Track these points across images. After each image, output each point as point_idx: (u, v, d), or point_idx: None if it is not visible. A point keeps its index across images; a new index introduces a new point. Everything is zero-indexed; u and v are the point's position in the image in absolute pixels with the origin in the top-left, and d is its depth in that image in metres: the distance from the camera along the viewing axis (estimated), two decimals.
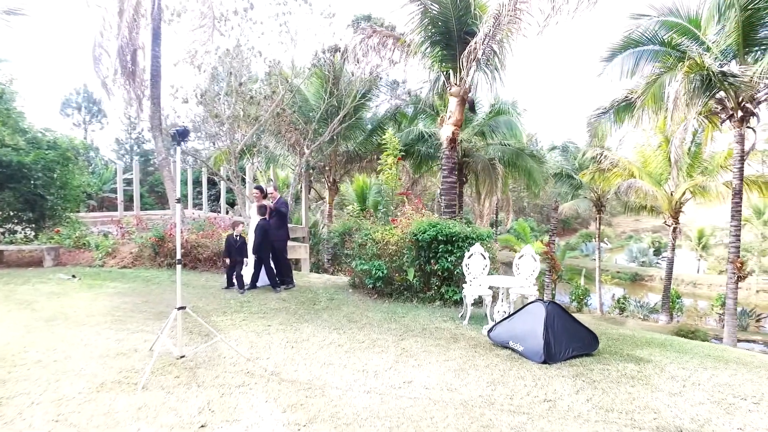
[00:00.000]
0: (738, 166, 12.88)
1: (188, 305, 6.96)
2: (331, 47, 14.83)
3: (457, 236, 6.95)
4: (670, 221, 20.48)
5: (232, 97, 12.06)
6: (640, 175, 20.43)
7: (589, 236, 49.96)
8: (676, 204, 20.02)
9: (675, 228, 20.56)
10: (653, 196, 19.95)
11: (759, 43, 12.12)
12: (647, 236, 50.48)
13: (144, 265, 10.31)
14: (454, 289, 7.16)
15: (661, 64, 12.23)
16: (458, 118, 9.85)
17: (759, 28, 11.99)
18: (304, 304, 7.24)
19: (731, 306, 13.16)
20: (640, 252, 45.79)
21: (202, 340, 5.24)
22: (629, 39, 13.41)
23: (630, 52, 13.57)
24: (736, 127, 12.66)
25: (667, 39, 13.00)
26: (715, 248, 43.34)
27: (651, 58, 13.38)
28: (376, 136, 18.65)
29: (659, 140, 20.19)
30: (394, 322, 6.20)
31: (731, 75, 11.48)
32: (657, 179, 20.46)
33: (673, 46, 12.98)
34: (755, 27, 11.94)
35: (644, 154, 21.66)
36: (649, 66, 13.43)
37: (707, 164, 19.88)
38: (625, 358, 4.97)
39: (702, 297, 33.50)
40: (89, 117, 38.66)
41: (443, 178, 9.96)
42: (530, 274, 6.39)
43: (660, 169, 20.54)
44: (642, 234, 53.39)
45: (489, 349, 5.15)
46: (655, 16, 13.23)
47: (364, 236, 7.73)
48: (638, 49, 13.49)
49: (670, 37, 12.90)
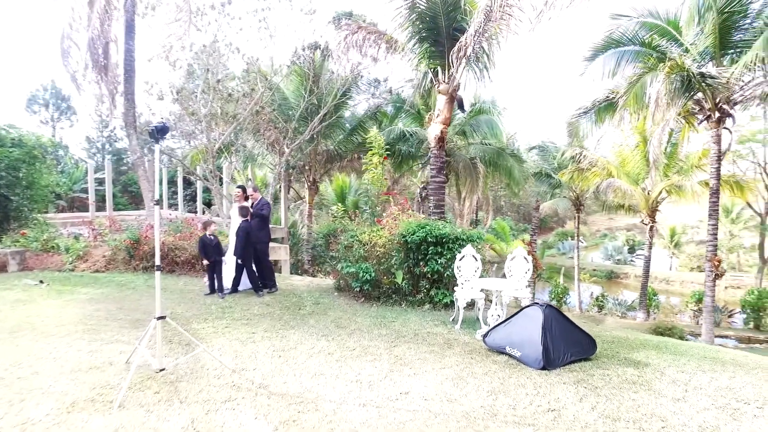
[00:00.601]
0: (715, 166, 13.10)
1: (167, 312, 6.63)
2: (312, 44, 14.55)
3: (447, 237, 6.77)
4: (647, 220, 20.83)
5: (209, 95, 11.66)
6: (619, 175, 20.72)
7: (566, 234, 50.75)
8: (652, 203, 20.36)
9: (652, 226, 20.93)
10: (631, 195, 20.27)
11: (734, 45, 12.35)
12: (622, 234, 51.51)
13: (118, 269, 9.83)
14: (444, 292, 6.99)
15: (642, 64, 12.33)
16: (447, 117, 9.69)
17: (734, 32, 12.23)
18: (289, 308, 6.96)
19: (709, 303, 13.41)
20: (616, 250, 46.66)
21: (183, 351, 4.92)
22: (610, 39, 13.50)
23: (612, 53, 13.67)
24: (713, 128, 12.87)
25: (648, 40, 13.13)
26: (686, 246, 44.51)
27: (632, 59, 13.50)
28: (357, 135, 18.42)
29: (637, 140, 20.49)
30: (384, 328, 5.98)
31: (709, 76, 11.65)
32: (634, 179, 20.78)
33: (653, 47, 13.12)
34: (731, 30, 12.16)
35: (622, 154, 21.98)
36: (630, 66, 13.55)
37: (683, 164, 20.27)
38: (624, 362, 4.87)
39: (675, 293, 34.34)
40: (58, 114, 37.23)
41: (431, 178, 9.77)
42: (523, 275, 6.26)
43: (637, 169, 20.86)
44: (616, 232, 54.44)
45: (485, 356, 4.98)
46: (635, 17, 13.37)
47: (350, 238, 7.49)
48: (619, 50, 13.60)
49: (651, 38, 13.03)
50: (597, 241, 53.30)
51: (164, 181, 19.04)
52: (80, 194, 26.79)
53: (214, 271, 7.81)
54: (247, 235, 7.49)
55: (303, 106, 14.29)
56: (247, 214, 7.56)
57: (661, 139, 15.18)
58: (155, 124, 4.09)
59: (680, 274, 39.50)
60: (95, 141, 37.35)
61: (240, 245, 7.48)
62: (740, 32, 12.27)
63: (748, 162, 24.46)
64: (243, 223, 7.50)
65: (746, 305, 20.77)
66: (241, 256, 7.55)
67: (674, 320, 22.52)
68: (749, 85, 12.34)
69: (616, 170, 20.86)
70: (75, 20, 9.56)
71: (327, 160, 18.62)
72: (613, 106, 15.09)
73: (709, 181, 13.88)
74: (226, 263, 7.92)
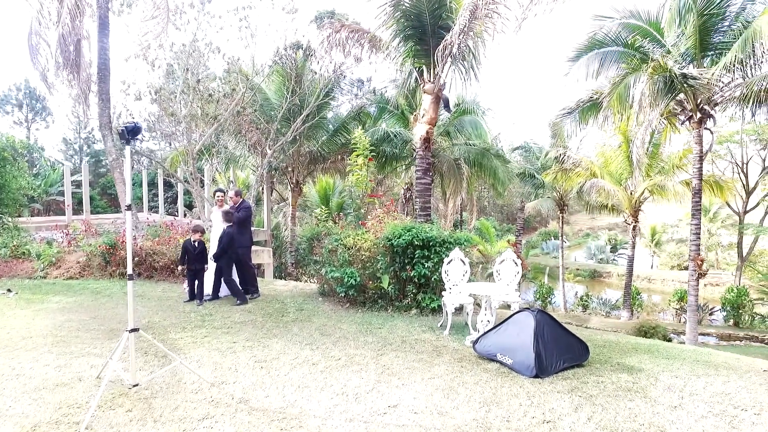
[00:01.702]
0: (697, 166, 13.20)
1: (143, 321, 6.34)
2: (294, 44, 14.32)
3: (435, 241, 6.60)
4: (630, 219, 21.03)
5: (189, 95, 11.35)
6: (602, 175, 20.88)
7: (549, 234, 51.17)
8: (635, 203, 20.55)
9: (635, 226, 21.12)
10: (614, 195, 20.43)
11: (714, 47, 12.48)
12: (604, 234, 52.15)
13: (93, 276, 9.45)
14: (431, 297, 6.82)
15: (626, 65, 12.36)
16: (432, 117, 9.52)
17: (714, 33, 12.35)
18: (272, 315, 6.72)
19: (693, 302, 13.48)
20: (598, 249, 47.23)
21: (159, 363, 4.66)
22: (594, 40, 13.54)
23: (595, 53, 13.71)
24: (695, 128, 12.98)
25: (630, 41, 13.19)
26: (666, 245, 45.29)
27: (615, 60, 13.56)
28: (340, 136, 18.23)
29: (620, 141, 20.66)
30: (370, 335, 5.78)
31: (691, 77, 11.73)
32: (617, 179, 20.95)
33: (635, 48, 13.18)
34: (710, 32, 12.28)
35: (605, 154, 22.17)
36: (613, 67, 13.62)
37: (664, 164, 20.50)
38: (617, 368, 4.75)
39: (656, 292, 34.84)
40: (32, 115, 36.16)
41: (417, 180, 9.59)
42: (512, 279, 6.12)
43: (620, 169, 21.03)
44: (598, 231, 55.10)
45: (476, 363, 4.82)
46: (617, 18, 13.42)
47: (335, 242, 7.27)
48: (603, 50, 13.65)
49: (633, 39, 13.08)
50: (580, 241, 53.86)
51: (144, 184, 18.54)
52: (57, 197, 26.00)
53: (195, 277, 7.53)
54: (231, 241, 7.22)
55: (285, 107, 14.05)
56: (231, 219, 7.29)
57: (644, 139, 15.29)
58: (126, 124, 3.84)
59: (661, 273, 40.15)
60: (72, 142, 36.40)
61: (221, 250, 7.20)
62: (719, 34, 12.40)
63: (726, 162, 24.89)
64: (228, 229, 7.23)
65: (726, 303, 21.10)
66: (220, 262, 7.28)
67: (657, 319, 22.80)
68: (729, 86, 12.48)
69: (600, 170, 21.01)
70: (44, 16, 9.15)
71: (310, 162, 18.35)
72: (597, 106, 15.14)
73: (690, 180, 14.02)
74: (207, 269, 7.65)
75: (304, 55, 15.12)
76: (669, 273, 41.64)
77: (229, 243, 7.16)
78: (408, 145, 18.62)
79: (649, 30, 13.14)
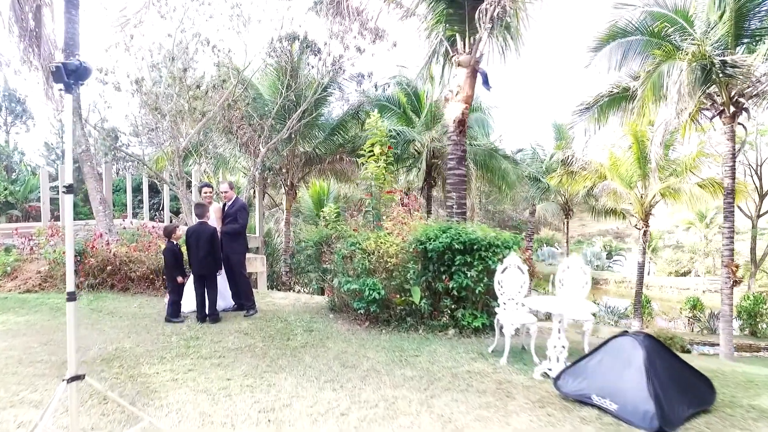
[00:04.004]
0: (729, 164, 12.21)
1: (110, 348, 4.92)
2: (289, 35, 13.10)
3: (480, 244, 5.29)
4: (640, 224, 20.01)
5: (175, 87, 10.08)
6: (612, 177, 19.87)
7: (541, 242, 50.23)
8: (647, 206, 19.55)
9: (645, 231, 20.10)
10: (625, 198, 19.45)
11: (751, 34, 11.53)
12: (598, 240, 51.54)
13: (56, 288, 7.96)
14: (473, 313, 5.51)
15: (660, 51, 11.27)
16: (468, 94, 8.13)
17: (751, 19, 11.41)
18: (275, 339, 5.34)
19: (727, 313, 12.41)
20: (594, 256, 46.56)
21: (122, 420, 3.27)
22: (616, 28, 12.52)
23: (618, 43, 12.69)
24: (727, 123, 11.98)
25: (657, 29, 12.17)
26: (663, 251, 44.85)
27: (640, 50, 12.54)
28: (338, 135, 17.04)
29: (630, 141, 19.66)
30: (408, 366, 4.44)
31: (731, 65, 10.69)
32: (628, 181, 19.96)
33: (661, 37, 12.17)
34: (746, 18, 11.33)
35: (613, 156, 21.18)
36: (638, 58, 12.60)
37: (676, 166, 19.59)
38: (756, 414, 3.48)
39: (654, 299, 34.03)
40: (12, 118, 34.24)
41: (449, 170, 8.16)
42: (579, 291, 4.85)
43: (630, 172, 20.05)
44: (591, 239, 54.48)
45: (565, 409, 3.51)
46: (640, 6, 12.43)
47: (351, 246, 5.92)
48: (627, 39, 12.62)
49: (660, 26, 12.06)
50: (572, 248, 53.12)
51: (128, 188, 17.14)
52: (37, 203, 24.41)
53: (181, 292, 6.16)
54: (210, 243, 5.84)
55: (280, 103, 12.82)
56: (203, 213, 5.94)
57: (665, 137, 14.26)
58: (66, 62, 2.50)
59: (659, 279, 39.58)
60: (55, 147, 34.46)
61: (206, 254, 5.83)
62: (757, 20, 11.45)
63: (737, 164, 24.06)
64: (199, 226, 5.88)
65: (742, 311, 20.12)
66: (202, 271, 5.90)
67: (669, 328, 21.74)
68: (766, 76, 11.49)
69: (610, 173, 20.00)
70: None
71: (306, 163, 17.04)
72: (618, 101, 14.14)
73: (722, 180, 13.01)
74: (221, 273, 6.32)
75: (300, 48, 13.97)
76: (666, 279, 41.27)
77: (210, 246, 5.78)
78: (410, 145, 17.41)
79: (676, 18, 12.16)
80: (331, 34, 12.18)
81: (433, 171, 17.90)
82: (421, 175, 17.32)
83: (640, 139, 18.86)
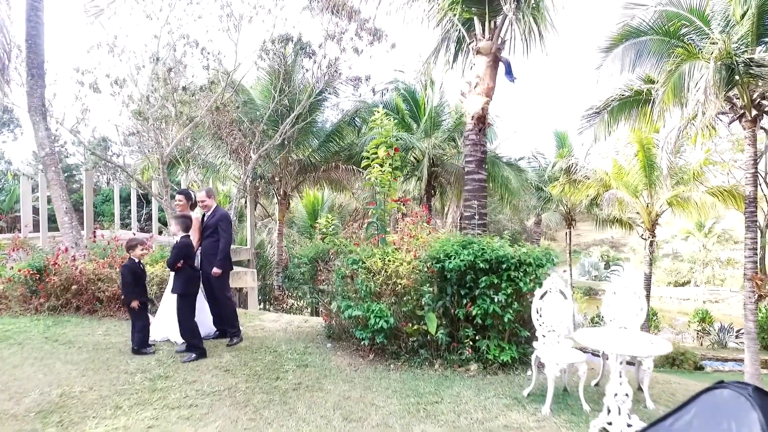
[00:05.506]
0: (752, 171, 11.50)
1: (53, 393, 3.98)
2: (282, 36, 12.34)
3: (509, 262, 4.41)
4: (646, 234, 19.29)
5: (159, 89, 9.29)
6: (617, 186, 19.17)
7: None
8: (654, 215, 18.84)
9: (652, 241, 19.36)
10: (632, 207, 18.75)
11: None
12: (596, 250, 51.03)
13: (10, 312, 6.95)
14: (499, 344, 4.60)
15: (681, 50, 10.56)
16: (489, 86, 7.18)
17: None
18: (261, 378, 4.41)
19: (752, 329, 11.64)
20: (592, 266, 46.11)
21: None
22: (629, 28, 11.86)
23: (631, 43, 12.02)
24: (749, 128, 11.30)
25: (672, 29, 11.49)
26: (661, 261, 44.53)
27: (654, 50, 11.85)
28: (334, 142, 16.27)
29: (636, 149, 18.99)
30: (428, 419, 3.53)
31: (757, 64, 9.99)
32: (633, 190, 19.25)
33: (677, 37, 11.49)
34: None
35: (618, 163, 20.50)
36: (652, 59, 11.91)
37: (683, 174, 18.93)
38: None
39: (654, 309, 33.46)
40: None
41: (467, 175, 7.14)
42: (633, 320, 3.98)
43: (636, 180, 19.35)
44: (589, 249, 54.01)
45: None
46: (653, 5, 11.76)
47: (352, 264, 5.00)
48: (640, 39, 11.94)
49: (676, 26, 11.39)
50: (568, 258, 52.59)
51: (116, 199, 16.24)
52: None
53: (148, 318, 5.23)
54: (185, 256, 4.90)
55: (272, 107, 12.03)
56: (189, 228, 5.02)
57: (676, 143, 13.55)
58: None
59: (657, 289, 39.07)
60: None
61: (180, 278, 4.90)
62: None
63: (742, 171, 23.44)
64: (182, 239, 4.95)
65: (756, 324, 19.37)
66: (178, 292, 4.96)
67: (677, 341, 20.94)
68: None
69: (615, 181, 19.30)
70: None
71: (299, 171, 16.19)
72: (629, 104, 13.45)
73: (744, 188, 12.28)
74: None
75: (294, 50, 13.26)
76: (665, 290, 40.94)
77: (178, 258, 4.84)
78: (408, 153, 16.61)
79: (692, 18, 11.49)
80: (327, 35, 11.46)
81: (433, 180, 17.12)
82: (421, 184, 16.52)
83: (646, 147, 18.21)
